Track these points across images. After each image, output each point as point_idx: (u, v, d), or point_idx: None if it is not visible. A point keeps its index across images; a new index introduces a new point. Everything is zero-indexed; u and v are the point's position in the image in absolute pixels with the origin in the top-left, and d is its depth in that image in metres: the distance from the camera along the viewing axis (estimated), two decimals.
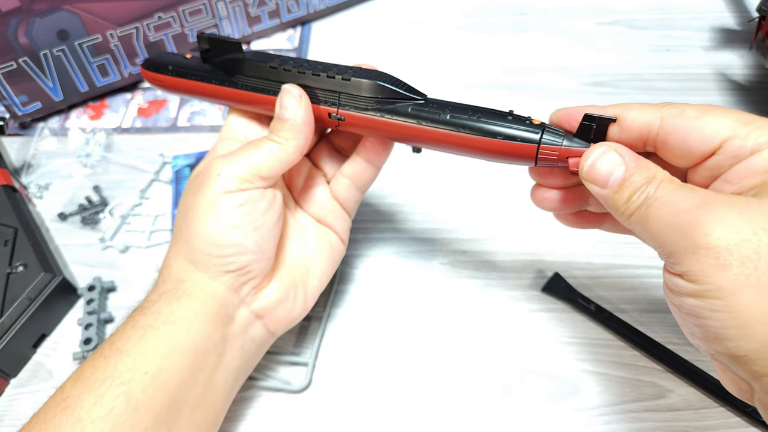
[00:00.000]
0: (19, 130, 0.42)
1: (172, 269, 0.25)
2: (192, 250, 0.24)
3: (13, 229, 0.34)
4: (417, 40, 0.46)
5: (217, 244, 0.24)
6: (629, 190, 0.19)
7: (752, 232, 0.16)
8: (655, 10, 0.47)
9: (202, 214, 0.24)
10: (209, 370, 0.24)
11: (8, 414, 0.29)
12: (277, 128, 0.24)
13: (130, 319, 0.24)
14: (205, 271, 0.24)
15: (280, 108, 0.24)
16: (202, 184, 0.24)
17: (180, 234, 0.25)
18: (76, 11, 0.39)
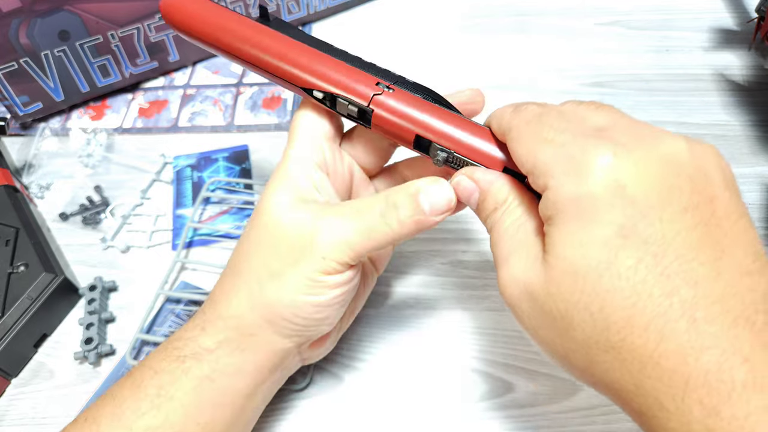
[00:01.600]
0: (21, 130, 0.43)
1: (243, 322, 0.22)
2: (275, 315, 0.22)
3: (15, 229, 0.34)
4: (417, 41, 0.47)
5: (306, 318, 0.22)
6: (484, 211, 0.21)
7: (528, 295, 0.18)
8: (654, 10, 0.47)
9: (298, 289, 0.22)
10: (253, 412, 0.24)
11: (9, 414, 0.29)
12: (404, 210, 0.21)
13: (178, 361, 0.22)
14: (281, 333, 0.23)
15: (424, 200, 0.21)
16: (302, 258, 0.21)
17: (261, 289, 0.22)
18: (77, 12, 0.39)
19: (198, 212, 0.37)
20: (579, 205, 0.16)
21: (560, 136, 0.18)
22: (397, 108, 0.22)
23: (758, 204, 0.35)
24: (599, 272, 0.16)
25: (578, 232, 0.16)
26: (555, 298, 0.17)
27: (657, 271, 0.15)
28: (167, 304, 0.33)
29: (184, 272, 0.34)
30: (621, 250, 0.16)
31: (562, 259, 0.17)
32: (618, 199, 0.16)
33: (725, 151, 0.38)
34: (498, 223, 0.20)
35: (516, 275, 0.18)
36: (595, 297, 0.16)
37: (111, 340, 0.32)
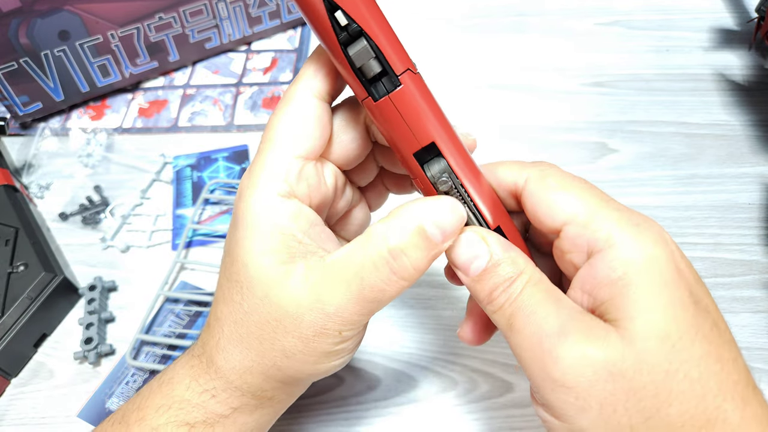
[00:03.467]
0: (20, 130, 0.43)
1: (259, 390, 0.21)
2: (296, 381, 0.21)
3: (14, 228, 0.34)
4: (417, 41, 0.46)
5: (326, 375, 0.21)
6: (491, 282, 0.17)
7: (608, 374, 0.15)
8: (654, 10, 0.47)
9: (317, 361, 0.19)
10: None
11: (9, 413, 0.29)
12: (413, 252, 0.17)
13: (187, 427, 0.20)
14: (302, 387, 0.22)
15: (433, 229, 0.17)
16: (316, 337, 0.19)
17: (276, 366, 0.20)
18: (77, 12, 0.39)
19: (198, 212, 0.37)
20: (655, 265, 0.16)
21: (613, 202, 0.17)
22: (426, 97, 0.18)
23: (758, 204, 0.35)
24: (691, 336, 0.15)
25: (661, 293, 0.15)
26: (650, 371, 0.15)
27: (722, 338, 0.16)
28: (167, 304, 0.33)
29: (183, 272, 0.34)
30: (699, 315, 0.16)
31: (651, 324, 0.15)
32: (680, 265, 0.16)
33: (725, 150, 0.38)
34: (524, 301, 0.17)
35: (587, 358, 0.15)
36: (693, 363, 0.15)
37: (111, 340, 0.32)
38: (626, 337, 0.15)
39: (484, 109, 0.41)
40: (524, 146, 0.39)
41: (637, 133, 0.39)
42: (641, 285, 0.16)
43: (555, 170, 0.19)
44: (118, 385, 0.30)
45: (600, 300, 0.16)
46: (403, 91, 0.17)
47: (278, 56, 0.46)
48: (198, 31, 0.44)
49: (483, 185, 0.19)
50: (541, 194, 0.18)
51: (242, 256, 0.19)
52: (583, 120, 0.40)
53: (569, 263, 0.18)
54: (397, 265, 0.17)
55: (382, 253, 0.17)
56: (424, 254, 0.17)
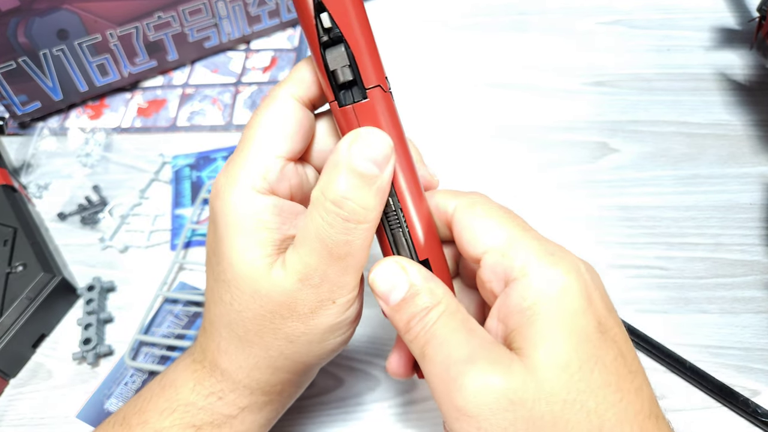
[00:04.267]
0: (19, 129, 0.42)
1: (268, 385, 0.21)
2: (303, 367, 0.21)
3: (13, 228, 0.34)
4: (417, 40, 0.46)
5: (325, 356, 0.21)
6: (408, 312, 0.17)
7: (509, 402, 0.15)
8: (655, 9, 0.47)
9: (321, 344, 0.20)
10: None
11: (8, 414, 0.29)
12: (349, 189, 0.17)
13: (194, 429, 0.20)
14: (309, 375, 0.22)
15: (361, 157, 0.17)
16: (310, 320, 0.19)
17: (282, 356, 0.20)
18: (76, 11, 0.38)
19: (197, 212, 0.37)
20: (564, 296, 0.16)
21: (533, 232, 0.18)
22: (388, 117, 0.18)
23: (759, 204, 0.35)
24: (590, 366, 0.15)
25: (565, 324, 0.16)
26: (549, 400, 0.15)
27: (628, 368, 0.16)
28: (166, 305, 0.33)
29: (182, 272, 0.34)
30: (602, 345, 0.16)
31: (552, 353, 0.15)
32: (592, 296, 0.17)
33: (726, 150, 0.38)
34: (438, 330, 0.17)
35: (491, 387, 0.16)
36: (590, 393, 0.15)
37: (109, 341, 0.31)
38: (528, 365, 0.16)
39: (484, 109, 0.41)
40: (524, 146, 0.38)
41: (638, 133, 0.39)
42: (547, 314, 0.16)
43: (484, 200, 0.19)
44: (116, 385, 0.30)
45: (510, 328, 0.17)
46: (367, 105, 0.18)
47: (277, 55, 0.46)
48: (197, 30, 0.43)
49: (422, 214, 0.19)
50: (466, 222, 0.18)
51: (227, 254, 0.19)
52: (584, 119, 0.40)
53: (489, 292, 0.18)
54: (346, 211, 0.17)
55: (328, 208, 0.17)
56: (366, 191, 0.17)
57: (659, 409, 0.17)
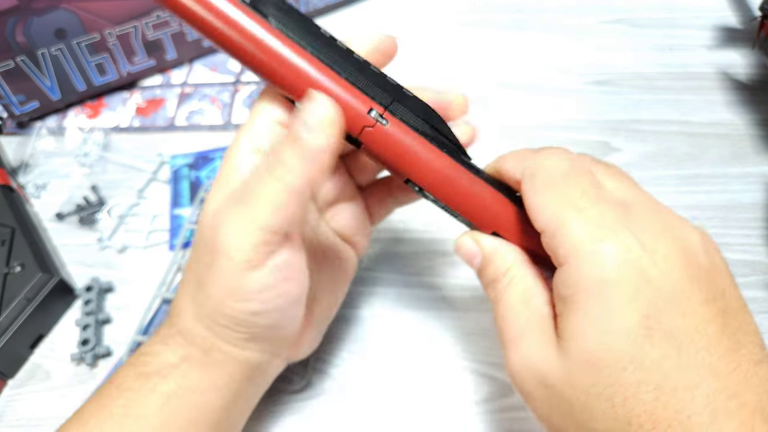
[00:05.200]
0: (17, 129, 0.42)
1: (195, 336, 0.21)
2: (216, 327, 0.20)
3: (11, 228, 0.33)
4: (417, 38, 0.46)
5: (247, 326, 0.20)
6: (486, 278, 0.20)
7: (543, 383, 0.17)
8: (657, 8, 0.46)
9: (222, 298, 0.19)
10: (235, 419, 0.23)
11: (6, 415, 0.29)
12: (284, 151, 0.18)
13: (143, 379, 0.20)
14: (235, 344, 0.21)
15: (296, 123, 0.18)
16: (214, 262, 0.19)
17: (195, 300, 0.21)
18: (74, 10, 0.38)
19: (196, 212, 0.36)
20: (603, 290, 0.16)
21: (591, 209, 0.17)
22: (388, 145, 0.20)
23: (761, 204, 0.34)
24: (623, 365, 0.15)
25: (601, 320, 0.16)
26: (576, 389, 0.16)
27: (681, 364, 0.15)
28: (165, 305, 0.32)
29: (181, 273, 0.34)
30: (646, 342, 0.15)
31: (583, 349, 0.16)
32: (643, 288, 0.16)
33: (729, 150, 0.37)
34: (503, 296, 0.19)
35: (529, 362, 0.17)
36: (619, 389, 0.16)
37: (107, 342, 0.31)
38: (562, 353, 0.17)
39: (484, 108, 0.41)
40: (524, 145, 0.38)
41: (639, 132, 0.38)
42: (584, 308, 0.16)
43: (548, 165, 0.19)
44: None
45: (557, 311, 0.18)
46: (366, 147, 0.20)
47: None
48: None
49: (471, 198, 0.21)
50: (526, 197, 0.19)
51: (206, 204, 0.21)
52: (586, 119, 0.40)
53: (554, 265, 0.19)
54: (274, 166, 0.18)
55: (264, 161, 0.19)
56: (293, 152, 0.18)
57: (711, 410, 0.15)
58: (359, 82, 0.20)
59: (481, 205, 0.21)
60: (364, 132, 0.20)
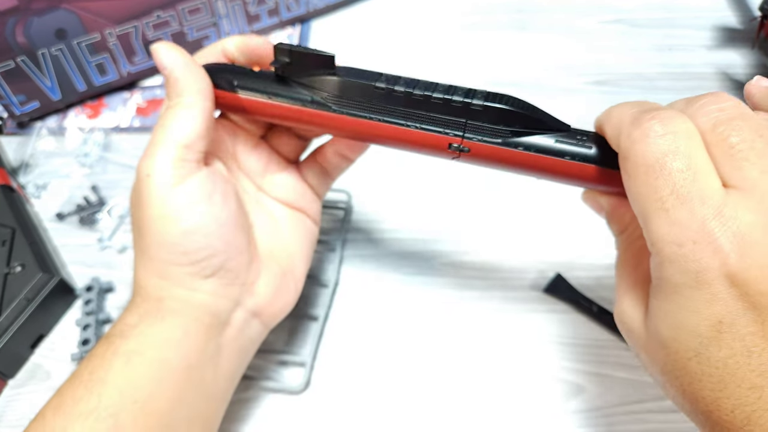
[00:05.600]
0: (17, 129, 0.42)
1: (147, 288, 0.22)
2: (159, 265, 0.22)
3: (11, 229, 0.33)
4: (417, 39, 0.46)
5: (183, 251, 0.22)
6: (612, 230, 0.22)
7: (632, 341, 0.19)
8: (657, 8, 0.46)
9: (154, 223, 0.21)
10: (204, 384, 0.23)
11: (6, 415, 0.29)
12: (168, 92, 0.23)
13: (107, 343, 0.22)
14: (182, 284, 0.22)
15: (160, 68, 0.23)
16: (141, 193, 0.22)
17: (140, 250, 0.22)
18: (75, 10, 0.38)
19: None
20: (679, 292, 0.16)
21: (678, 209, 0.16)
22: (481, 161, 0.22)
23: None
24: (689, 356, 0.16)
25: (674, 315, 0.16)
26: (651, 356, 0.18)
27: (749, 366, 0.16)
28: None
29: None
30: (713, 343, 0.16)
31: (657, 332, 0.17)
32: (722, 296, 0.16)
33: None
34: (621, 250, 0.21)
35: (624, 317, 0.19)
36: (685, 373, 0.17)
37: None
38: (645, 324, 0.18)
39: None
40: None
41: None
42: (663, 300, 0.17)
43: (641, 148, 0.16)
44: None
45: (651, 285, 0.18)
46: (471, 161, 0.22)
47: None
48: (196, 29, 0.43)
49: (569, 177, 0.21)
50: (623, 179, 0.17)
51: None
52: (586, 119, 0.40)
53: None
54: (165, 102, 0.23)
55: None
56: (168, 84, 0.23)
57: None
58: (428, 123, 0.21)
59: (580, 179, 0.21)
60: (460, 158, 0.22)
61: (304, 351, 0.30)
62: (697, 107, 0.17)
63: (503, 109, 0.20)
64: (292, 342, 0.31)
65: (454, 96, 0.21)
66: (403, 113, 0.21)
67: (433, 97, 0.21)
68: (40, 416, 0.21)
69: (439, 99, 0.21)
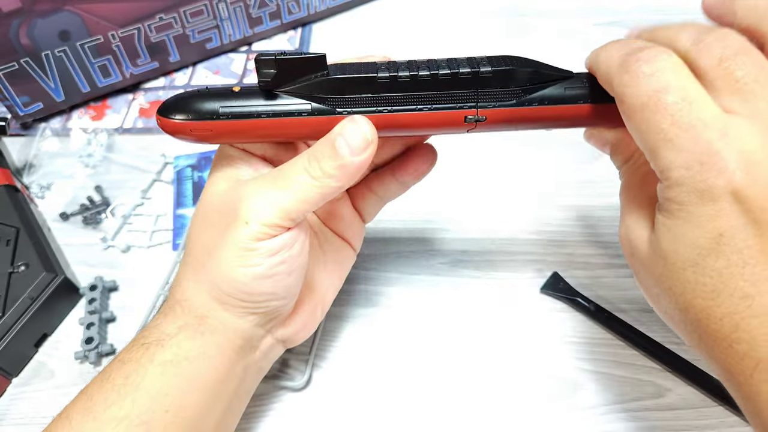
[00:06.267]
0: (21, 130, 0.43)
1: (194, 303, 0.22)
2: (219, 291, 0.22)
3: (15, 228, 0.34)
4: (417, 42, 0.47)
5: (248, 292, 0.22)
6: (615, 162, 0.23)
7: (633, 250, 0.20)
8: (652, 11, 0.47)
9: (231, 260, 0.21)
10: (229, 398, 0.23)
11: (10, 413, 0.29)
12: (324, 159, 0.20)
13: (143, 349, 0.22)
14: (231, 312, 0.22)
15: (341, 143, 0.20)
16: (229, 227, 0.21)
17: (203, 268, 0.22)
18: (78, 12, 0.39)
19: None
20: (683, 210, 0.17)
21: (682, 137, 0.17)
22: (498, 125, 0.22)
23: None
24: (684, 266, 0.18)
25: (678, 228, 0.18)
26: (649, 270, 0.19)
27: (743, 276, 0.17)
28: None
29: None
30: (711, 254, 0.17)
31: (657, 246, 0.19)
32: (725, 212, 0.17)
33: None
34: (626, 177, 0.22)
35: (629, 235, 0.20)
36: (680, 283, 0.18)
37: (111, 340, 0.32)
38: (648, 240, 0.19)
39: None
40: (523, 145, 0.39)
41: None
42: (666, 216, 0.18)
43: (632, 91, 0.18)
44: None
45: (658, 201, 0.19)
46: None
47: None
48: (198, 31, 0.44)
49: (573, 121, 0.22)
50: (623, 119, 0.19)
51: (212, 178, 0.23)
52: None
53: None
54: (312, 166, 0.20)
55: (305, 157, 0.21)
56: (333, 163, 0.20)
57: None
58: (440, 101, 0.21)
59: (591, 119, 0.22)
60: (476, 128, 0.21)
61: (306, 348, 0.30)
62: (703, 46, 0.18)
63: (511, 70, 0.21)
64: None
65: (460, 69, 0.21)
66: (413, 98, 0.21)
67: (440, 74, 0.21)
68: (65, 417, 0.21)
69: (446, 75, 0.21)
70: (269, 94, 0.20)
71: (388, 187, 0.27)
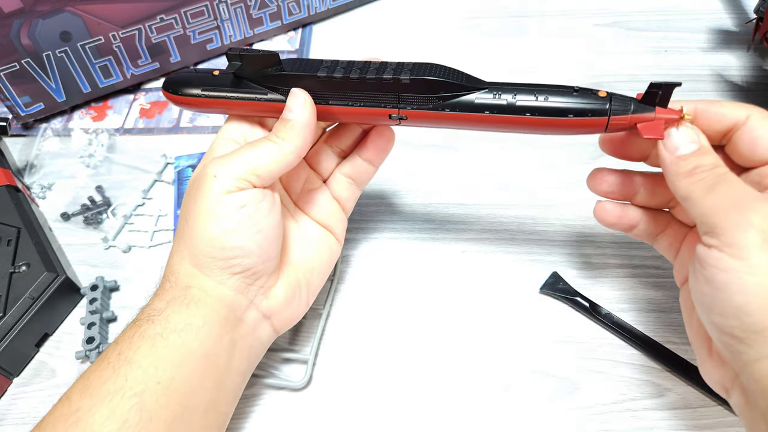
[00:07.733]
0: (22, 130, 0.43)
1: (179, 275, 0.24)
2: (196, 253, 0.24)
3: (16, 228, 0.34)
4: (417, 43, 0.47)
5: (220, 247, 0.24)
6: (695, 162, 0.22)
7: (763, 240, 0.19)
8: (653, 11, 0.47)
9: (203, 217, 0.24)
10: (219, 374, 0.24)
11: (11, 413, 0.30)
12: (279, 129, 0.25)
13: (135, 327, 0.23)
14: (211, 275, 0.24)
15: (286, 112, 0.25)
16: (200, 187, 0.24)
17: (182, 238, 0.25)
18: (79, 13, 0.39)
19: None
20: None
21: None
22: (423, 123, 0.25)
23: None
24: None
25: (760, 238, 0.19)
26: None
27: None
28: None
29: None
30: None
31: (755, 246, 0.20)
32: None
33: None
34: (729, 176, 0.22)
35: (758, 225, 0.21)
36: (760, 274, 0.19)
37: (112, 340, 0.32)
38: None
39: None
40: (523, 146, 0.39)
41: None
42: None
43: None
44: None
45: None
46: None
47: None
48: (199, 32, 0.44)
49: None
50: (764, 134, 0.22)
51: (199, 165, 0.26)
52: None
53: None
54: (270, 136, 0.25)
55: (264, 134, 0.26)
56: (284, 126, 0.25)
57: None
58: (367, 100, 0.25)
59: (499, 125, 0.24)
60: (402, 123, 0.25)
61: (306, 348, 0.31)
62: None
63: (427, 80, 0.23)
64: (295, 339, 0.31)
65: (384, 74, 0.24)
66: (344, 95, 0.25)
67: (367, 77, 0.24)
68: (65, 399, 0.22)
69: (372, 79, 0.24)
70: (237, 79, 0.26)
71: (358, 168, 0.29)
